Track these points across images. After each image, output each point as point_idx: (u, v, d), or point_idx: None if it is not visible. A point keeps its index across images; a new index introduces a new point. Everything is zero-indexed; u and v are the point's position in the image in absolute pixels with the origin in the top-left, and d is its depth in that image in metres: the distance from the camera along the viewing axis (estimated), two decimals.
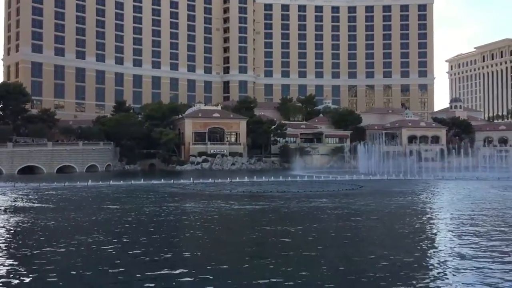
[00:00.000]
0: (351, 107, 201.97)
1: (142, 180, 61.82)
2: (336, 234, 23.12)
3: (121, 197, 42.52)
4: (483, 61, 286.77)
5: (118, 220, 27.69)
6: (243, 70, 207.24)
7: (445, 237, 22.06)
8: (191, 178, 65.35)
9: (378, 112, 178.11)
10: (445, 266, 16.03)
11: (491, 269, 15.38)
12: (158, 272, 15.17)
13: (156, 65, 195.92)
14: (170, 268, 15.63)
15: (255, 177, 68.89)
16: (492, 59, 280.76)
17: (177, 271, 15.25)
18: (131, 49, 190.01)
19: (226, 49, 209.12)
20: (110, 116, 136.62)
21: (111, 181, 60.26)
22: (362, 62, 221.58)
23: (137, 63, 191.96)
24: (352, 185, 55.68)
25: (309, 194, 44.47)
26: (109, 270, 15.43)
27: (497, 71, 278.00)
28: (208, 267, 15.76)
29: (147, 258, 17.31)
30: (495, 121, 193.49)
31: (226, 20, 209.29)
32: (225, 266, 16.01)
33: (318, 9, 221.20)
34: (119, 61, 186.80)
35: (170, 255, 17.93)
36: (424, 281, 14.29)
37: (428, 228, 25.08)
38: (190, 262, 16.79)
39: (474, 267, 15.67)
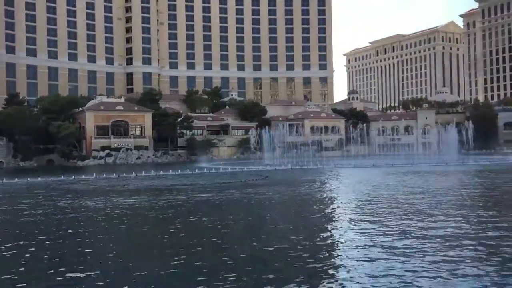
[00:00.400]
0: (256, 99, 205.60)
1: (39, 177, 58.08)
2: (243, 224, 23.53)
3: (16, 196, 39.67)
4: (377, 55, 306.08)
5: (12, 221, 25.84)
6: (147, 61, 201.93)
7: (347, 222, 23.34)
8: (94, 174, 62.67)
9: (282, 104, 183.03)
10: (348, 251, 17.00)
11: (390, 247, 16.59)
12: (58, 273, 14.43)
13: (52, 55, 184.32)
14: (70, 269, 14.93)
15: (161, 171, 67.77)
16: (385, 53, 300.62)
17: (79, 274, 14.62)
18: (24, 37, 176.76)
19: (128, 40, 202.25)
20: (1, 110, 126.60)
21: (4, 180, 55.94)
22: (266, 55, 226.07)
23: (31, 52, 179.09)
24: (258, 175, 56.86)
25: (217, 186, 44.70)
26: (2, 276, 14.39)
27: (389, 65, 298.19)
28: (112, 265, 15.30)
29: (45, 260, 16.38)
30: (388, 111, 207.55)
31: (128, 10, 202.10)
32: (130, 264, 15.64)
33: (223, 1, 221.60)
34: (10, 50, 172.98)
35: (70, 255, 17.13)
36: (328, 268, 15.04)
37: (332, 215, 26.37)
38: (93, 261, 16.18)
39: (376, 248, 16.79)
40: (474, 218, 23.08)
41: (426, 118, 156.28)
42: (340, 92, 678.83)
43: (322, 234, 20.13)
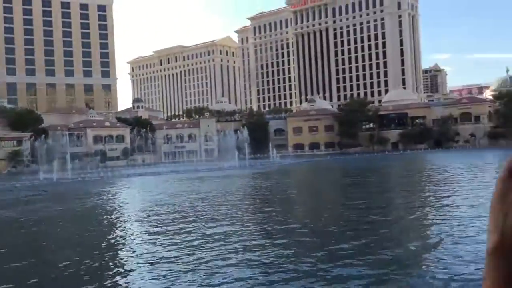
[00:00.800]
0: (31, 106, 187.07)
1: None
2: (19, 247, 21.33)
3: None
4: (161, 64, 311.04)
5: None
6: None
7: (132, 233, 23.15)
8: None
9: (61, 112, 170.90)
10: (134, 262, 16.92)
11: (174, 255, 17.08)
12: None
13: None
14: None
15: None
16: (168, 63, 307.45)
17: None
18: None
19: None
20: None
21: None
22: (41, 59, 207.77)
23: None
24: (35, 190, 52.01)
25: None
26: None
27: (173, 74, 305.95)
28: None
29: None
30: (173, 120, 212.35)
31: None
32: None
33: None
34: None
35: None
36: (114, 284, 14.77)
37: (116, 227, 25.80)
38: None
39: (164, 257, 17.08)
40: (251, 216, 25.41)
41: (208, 126, 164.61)
42: (125, 101, 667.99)
43: (105, 249, 19.59)
